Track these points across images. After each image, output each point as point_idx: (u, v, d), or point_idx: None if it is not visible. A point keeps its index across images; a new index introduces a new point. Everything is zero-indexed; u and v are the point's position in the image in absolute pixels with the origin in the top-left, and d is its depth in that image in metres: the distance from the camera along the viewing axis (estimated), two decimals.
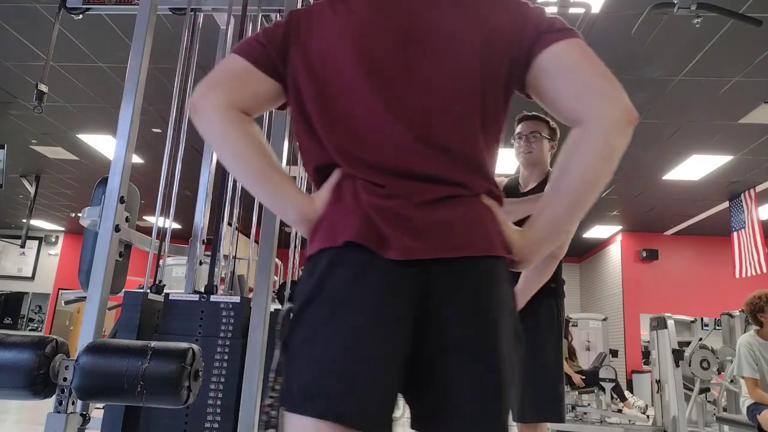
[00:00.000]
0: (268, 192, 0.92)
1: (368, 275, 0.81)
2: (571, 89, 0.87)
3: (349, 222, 0.85)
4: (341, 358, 0.78)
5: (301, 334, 0.82)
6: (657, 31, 4.40)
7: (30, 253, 12.99)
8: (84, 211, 1.96)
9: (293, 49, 0.96)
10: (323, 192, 0.90)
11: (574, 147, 0.85)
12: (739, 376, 3.66)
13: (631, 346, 10.44)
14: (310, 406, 0.78)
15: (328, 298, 0.82)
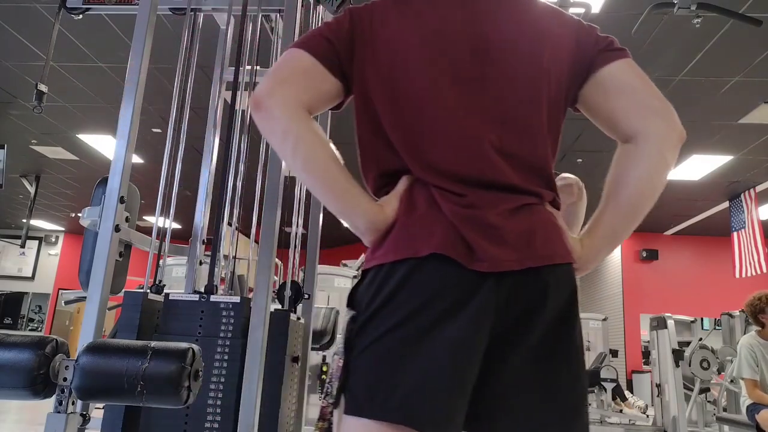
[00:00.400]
0: (339, 199, 0.87)
1: (453, 286, 0.80)
2: (629, 107, 0.90)
3: (433, 232, 0.82)
4: (421, 367, 0.77)
5: (374, 341, 0.80)
6: (657, 31, 4.40)
7: (30, 253, 13.00)
8: (84, 211, 1.96)
9: (359, 48, 0.93)
10: (391, 200, 0.88)
11: (632, 161, 0.90)
12: (738, 377, 3.67)
13: (631, 346, 10.44)
14: (379, 412, 0.77)
15: (406, 307, 0.79)
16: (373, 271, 0.85)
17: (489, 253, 0.81)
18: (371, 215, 0.86)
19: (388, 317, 0.80)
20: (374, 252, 0.87)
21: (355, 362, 0.81)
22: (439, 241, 0.81)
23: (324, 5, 2.61)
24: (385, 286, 0.82)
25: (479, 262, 0.80)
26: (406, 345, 0.78)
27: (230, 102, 2.23)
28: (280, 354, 2.01)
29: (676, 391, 5.36)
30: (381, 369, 0.79)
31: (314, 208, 2.62)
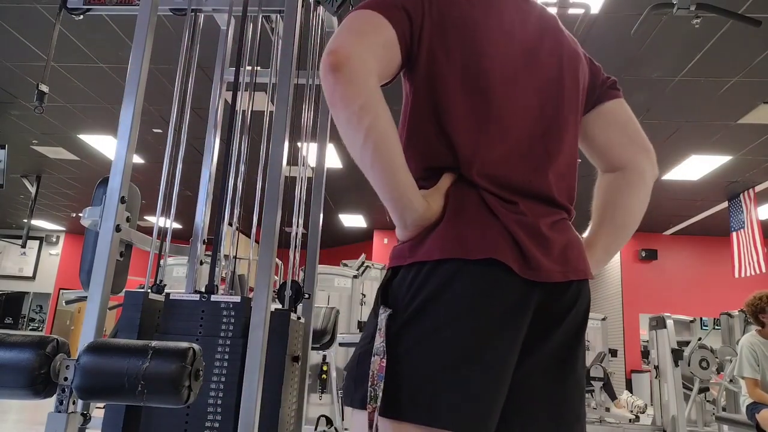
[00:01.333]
0: (396, 190, 0.82)
1: (505, 292, 0.79)
2: (623, 141, 1.01)
3: (485, 235, 0.81)
4: (468, 371, 0.76)
5: (420, 343, 0.78)
6: (656, 32, 4.41)
7: (31, 253, 13.01)
8: (85, 211, 1.96)
9: (428, 29, 0.87)
10: (436, 196, 0.84)
11: (626, 190, 0.99)
12: (739, 376, 3.67)
13: (630, 345, 10.44)
14: (424, 415, 0.75)
15: (453, 309, 0.78)
16: (414, 268, 0.82)
17: (540, 262, 0.82)
18: (422, 212, 0.83)
19: (435, 318, 0.78)
20: (414, 249, 0.83)
21: (399, 364, 0.77)
22: (493, 245, 0.80)
23: (324, 6, 2.62)
24: (428, 285, 0.79)
25: (531, 271, 0.81)
26: (455, 349, 0.76)
27: (231, 102, 2.23)
28: (281, 354, 2.02)
29: (676, 391, 5.36)
30: (428, 372, 0.76)
31: (314, 208, 2.63)
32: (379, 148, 0.79)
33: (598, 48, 4.69)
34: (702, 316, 9.02)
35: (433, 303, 0.78)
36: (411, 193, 0.82)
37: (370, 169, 0.81)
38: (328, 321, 4.05)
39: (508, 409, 0.81)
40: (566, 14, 4.15)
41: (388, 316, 0.80)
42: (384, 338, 0.78)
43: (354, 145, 0.80)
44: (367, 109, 0.77)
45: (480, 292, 0.79)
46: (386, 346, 0.78)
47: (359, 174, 1.17)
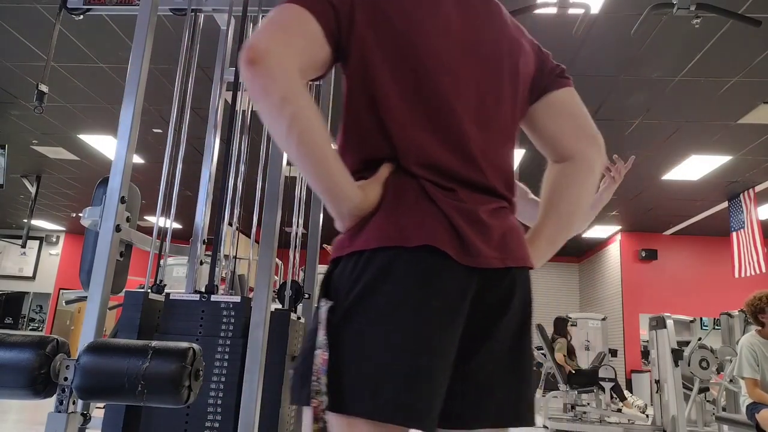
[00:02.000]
0: (328, 180, 0.80)
1: (443, 279, 0.80)
2: (572, 131, 0.99)
3: (423, 223, 0.81)
4: (410, 361, 0.76)
5: (360, 333, 0.77)
6: (656, 32, 4.41)
7: (31, 253, 13.01)
8: (85, 211, 1.96)
9: (360, 17, 0.86)
10: (374, 185, 0.84)
11: (572, 179, 0.98)
12: (739, 376, 3.67)
13: (630, 345, 10.45)
14: (367, 407, 0.74)
15: (392, 298, 0.77)
16: (353, 257, 0.81)
17: (479, 248, 0.82)
18: (357, 201, 0.82)
19: (374, 308, 0.77)
20: (353, 238, 0.82)
21: (340, 356, 0.76)
22: (431, 232, 0.80)
23: None
24: (366, 274, 0.79)
25: (470, 257, 0.81)
26: (395, 339, 0.76)
27: (231, 102, 2.23)
28: (280, 353, 2.02)
29: (676, 391, 5.36)
30: (370, 364, 0.75)
31: (314, 208, 2.63)
32: (304, 139, 0.78)
33: (598, 48, 4.70)
34: (702, 316, 9.03)
35: (371, 293, 0.78)
36: (344, 182, 0.81)
37: (297, 160, 0.79)
38: None
39: (462, 399, 0.82)
40: (567, 14, 4.15)
41: (328, 308, 0.79)
42: (325, 331, 0.77)
43: (279, 136, 0.80)
44: (288, 100, 0.76)
45: (418, 280, 0.78)
46: (328, 338, 0.77)
47: None
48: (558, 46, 4.70)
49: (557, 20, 4.32)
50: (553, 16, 4.27)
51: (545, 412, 6.18)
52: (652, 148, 6.64)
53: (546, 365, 6.74)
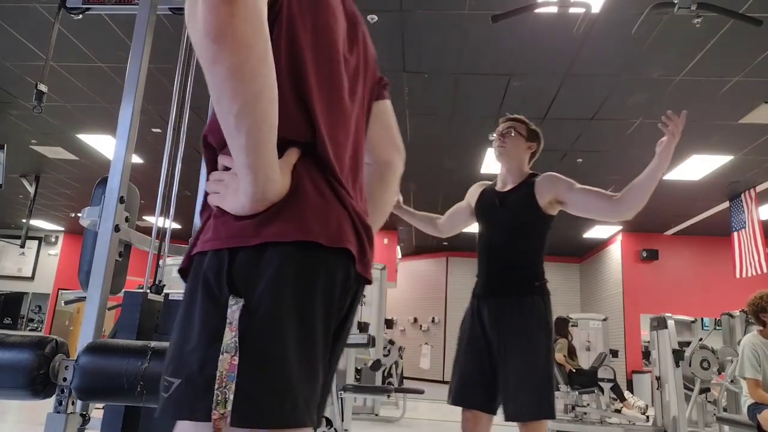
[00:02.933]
0: (267, 155, 0.72)
1: (349, 284, 0.81)
2: (387, 140, 1.09)
3: (342, 225, 0.79)
4: (318, 365, 0.75)
5: (284, 336, 0.71)
6: (657, 31, 4.40)
7: (30, 253, 13.01)
8: (84, 211, 1.96)
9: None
10: (285, 171, 0.76)
11: (384, 182, 1.10)
12: (740, 376, 3.66)
13: (631, 346, 10.45)
14: (285, 416, 0.69)
15: (312, 298, 0.74)
16: (268, 249, 0.73)
17: (367, 256, 0.84)
18: (280, 183, 0.74)
19: (298, 308, 0.72)
20: (261, 227, 0.73)
21: (256, 361, 0.69)
22: (346, 235, 0.79)
23: None
24: (290, 270, 0.73)
25: (362, 265, 0.82)
26: (317, 341, 0.74)
27: None
28: None
29: (677, 391, 5.36)
30: (290, 368, 0.70)
31: None
32: (265, 111, 0.69)
33: (598, 47, 4.69)
34: (703, 316, 9.01)
35: (295, 291, 0.72)
36: (275, 159, 0.73)
37: (247, 128, 0.69)
38: None
39: None
40: (567, 14, 4.15)
41: (242, 308, 0.70)
42: (236, 332, 0.69)
43: (235, 98, 0.67)
44: (265, 60, 0.67)
45: (332, 284, 0.76)
46: (239, 341, 0.69)
47: None
48: (559, 45, 4.69)
49: (558, 19, 4.32)
50: (553, 15, 4.26)
51: None
52: (653, 148, 6.61)
53: None
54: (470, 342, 2.29)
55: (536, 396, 2.11)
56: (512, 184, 2.40)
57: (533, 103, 5.75)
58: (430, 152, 7.36)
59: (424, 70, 5.29)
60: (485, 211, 2.45)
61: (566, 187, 2.25)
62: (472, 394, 2.23)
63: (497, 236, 2.35)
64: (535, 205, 2.27)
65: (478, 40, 4.71)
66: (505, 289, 2.27)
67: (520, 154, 2.45)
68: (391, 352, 7.22)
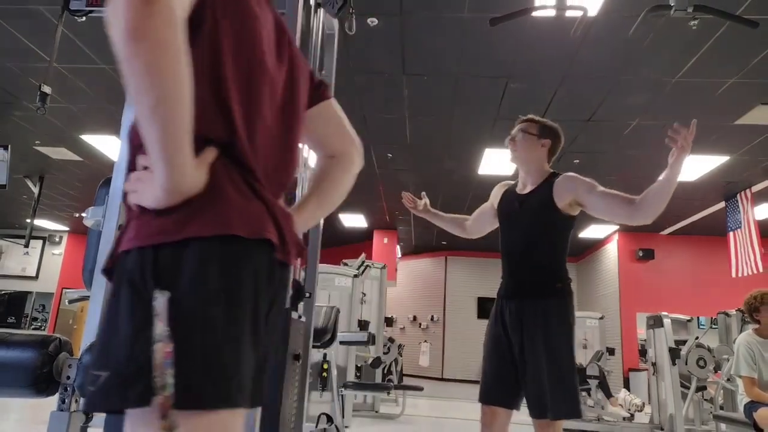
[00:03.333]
0: (180, 148, 0.74)
1: (273, 273, 0.88)
2: (338, 134, 1.19)
3: (262, 217, 0.85)
4: (247, 348, 0.80)
5: (212, 324, 0.76)
6: (654, 33, 4.43)
7: (34, 253, 13.03)
8: (88, 210, 1.98)
9: None
10: (202, 168, 0.80)
11: (339, 172, 1.19)
12: (736, 375, 3.67)
13: (627, 344, 10.47)
14: (227, 395, 0.76)
15: (236, 288, 0.79)
16: (191, 245, 0.77)
17: (288, 245, 0.91)
18: (194, 177, 0.78)
19: (223, 297, 0.77)
20: (183, 224, 0.77)
21: (188, 349, 0.73)
22: (266, 226, 0.85)
23: (325, 8, 2.65)
24: (213, 263, 0.77)
25: (284, 254, 0.89)
26: (241, 327, 0.79)
27: None
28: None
29: (673, 390, 5.39)
30: (219, 353, 0.76)
31: None
32: (178, 106, 0.72)
33: (596, 49, 4.72)
34: (699, 315, 9.05)
35: (216, 282, 0.77)
36: (189, 153, 0.76)
37: (155, 118, 0.72)
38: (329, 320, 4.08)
39: None
40: (564, 16, 4.18)
41: (168, 300, 0.74)
42: (165, 323, 0.73)
43: (150, 91, 0.70)
44: (179, 58, 0.70)
45: (256, 272, 0.82)
46: (171, 331, 0.72)
47: (359, 174, 1.24)
48: (556, 48, 4.72)
49: (555, 22, 4.35)
50: (551, 18, 4.29)
51: None
52: (649, 148, 6.66)
53: None
54: (493, 342, 2.32)
55: (565, 395, 2.13)
56: (532, 186, 2.38)
57: (531, 104, 5.78)
58: (430, 152, 7.39)
59: (424, 73, 5.33)
60: (505, 213, 2.45)
61: (586, 189, 2.24)
62: (492, 392, 2.27)
63: (517, 239, 2.36)
64: (553, 207, 2.26)
65: (476, 42, 4.74)
66: (525, 291, 2.28)
67: (534, 154, 2.41)
68: (390, 349, 7.25)
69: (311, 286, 2.50)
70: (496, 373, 2.28)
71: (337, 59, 2.90)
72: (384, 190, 9.01)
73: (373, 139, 6.99)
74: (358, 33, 4.69)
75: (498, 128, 6.32)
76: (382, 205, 9.93)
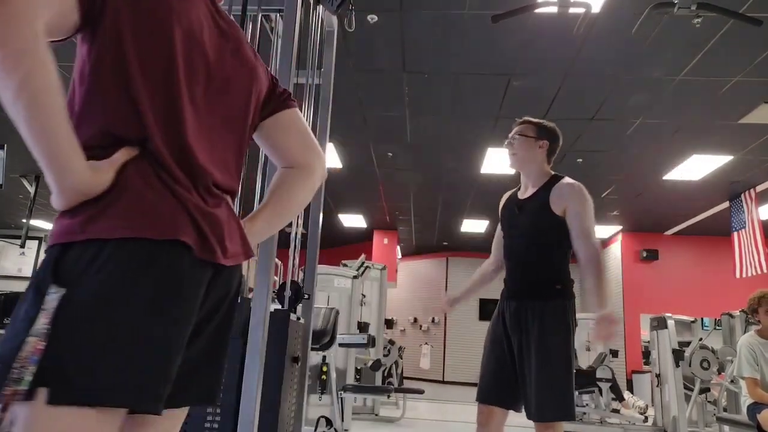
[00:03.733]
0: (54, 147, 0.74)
1: (188, 275, 0.84)
2: (299, 145, 1.16)
3: (173, 217, 0.83)
4: (162, 352, 0.80)
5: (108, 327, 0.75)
6: (657, 31, 4.40)
7: (30, 253, 12.99)
8: None
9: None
10: (108, 168, 0.80)
11: (298, 182, 1.15)
12: (738, 376, 3.66)
13: (631, 346, 10.45)
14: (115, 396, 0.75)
15: (133, 289, 0.77)
16: (92, 245, 0.77)
17: (214, 245, 0.89)
18: (84, 176, 0.77)
19: (114, 298, 0.76)
20: (87, 224, 0.78)
21: (68, 348, 0.73)
22: (177, 226, 0.83)
23: (324, 5, 2.61)
24: (109, 265, 0.76)
25: (208, 253, 0.87)
26: (136, 329, 0.77)
27: None
28: (280, 354, 2.02)
29: (677, 391, 5.36)
30: (107, 353, 0.74)
31: (314, 208, 2.62)
32: (39, 99, 0.72)
33: (598, 47, 4.69)
34: (703, 316, 9.01)
35: (114, 284, 0.76)
36: (72, 153, 0.76)
37: (24, 121, 0.73)
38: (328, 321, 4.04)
39: (176, 382, 0.85)
40: (567, 14, 4.15)
41: (61, 296, 0.74)
42: (50, 319, 0.73)
43: (6, 90, 0.71)
44: (27, 53, 0.71)
45: (163, 273, 0.80)
46: (52, 327, 0.72)
47: (359, 174, 1.19)
48: (559, 45, 4.69)
49: (558, 20, 4.32)
50: (554, 15, 4.26)
51: None
52: (653, 148, 6.63)
53: None
54: (493, 342, 2.37)
55: (555, 398, 2.15)
56: (533, 188, 2.41)
57: (533, 103, 5.75)
58: (430, 152, 7.36)
59: (425, 70, 5.30)
60: (507, 219, 2.50)
61: (572, 212, 2.28)
62: (489, 392, 2.30)
63: (519, 242, 2.41)
64: (549, 212, 2.30)
65: (478, 40, 4.71)
66: (525, 292, 2.32)
67: (532, 156, 2.43)
68: (391, 352, 7.22)
69: (310, 288, 2.47)
70: (494, 373, 2.32)
71: (337, 57, 2.87)
72: (384, 190, 8.98)
73: (373, 138, 6.96)
74: (358, 30, 4.66)
75: (500, 127, 6.29)
76: (382, 205, 9.90)
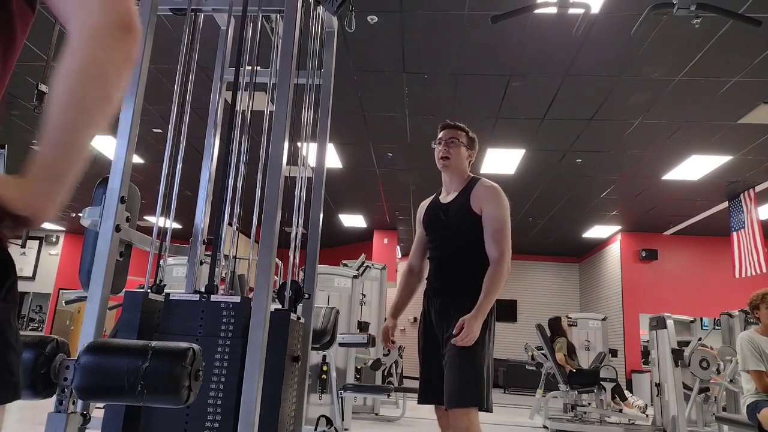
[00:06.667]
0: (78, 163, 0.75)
1: None
2: None
3: None
4: None
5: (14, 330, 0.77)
6: (656, 32, 4.41)
7: (30, 253, 13.01)
8: (84, 211, 1.96)
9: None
10: None
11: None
12: (743, 370, 3.59)
13: (630, 345, 10.45)
14: None
15: None
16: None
17: None
18: None
19: None
20: None
21: None
22: None
23: (324, 6, 2.62)
24: None
25: None
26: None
27: (231, 102, 2.23)
28: (281, 354, 2.02)
29: (676, 391, 5.37)
30: None
31: (314, 208, 2.63)
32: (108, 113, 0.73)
33: (598, 48, 4.70)
34: (702, 316, 9.01)
35: None
36: None
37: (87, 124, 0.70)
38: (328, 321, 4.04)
39: None
40: (566, 14, 4.15)
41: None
42: None
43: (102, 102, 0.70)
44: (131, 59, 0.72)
45: None
46: None
47: (359, 174, 1.18)
48: (558, 46, 4.70)
49: (557, 20, 4.32)
50: (553, 16, 4.27)
51: (545, 412, 6.18)
52: (652, 148, 6.64)
53: (546, 365, 6.73)
54: (424, 341, 2.45)
55: (462, 384, 2.19)
56: (455, 193, 2.50)
57: (533, 103, 5.75)
58: (431, 151, 7.36)
59: (424, 71, 5.30)
60: (432, 223, 2.57)
61: (486, 214, 2.37)
62: (432, 391, 2.33)
63: (446, 244, 2.48)
64: (471, 212, 2.40)
65: (477, 40, 4.71)
66: (450, 289, 2.41)
67: (463, 163, 2.55)
68: (391, 351, 7.22)
69: (310, 287, 2.48)
70: (428, 372, 2.37)
71: (337, 57, 2.87)
72: (384, 190, 8.98)
73: (373, 138, 6.96)
74: (358, 30, 4.66)
75: (499, 127, 6.29)
76: (382, 205, 9.90)
